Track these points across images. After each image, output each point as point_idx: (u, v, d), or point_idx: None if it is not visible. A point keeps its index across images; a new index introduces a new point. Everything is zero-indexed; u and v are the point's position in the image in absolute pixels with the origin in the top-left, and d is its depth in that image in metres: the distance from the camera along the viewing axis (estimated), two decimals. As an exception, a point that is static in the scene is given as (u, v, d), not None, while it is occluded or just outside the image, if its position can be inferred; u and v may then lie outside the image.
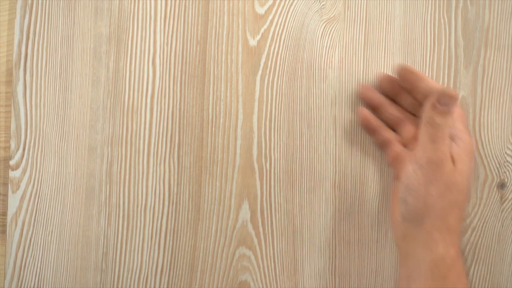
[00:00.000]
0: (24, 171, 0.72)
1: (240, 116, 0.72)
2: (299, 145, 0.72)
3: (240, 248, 0.72)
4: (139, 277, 0.72)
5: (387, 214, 0.73)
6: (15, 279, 0.72)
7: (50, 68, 0.72)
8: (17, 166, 0.72)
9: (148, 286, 0.72)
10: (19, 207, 0.72)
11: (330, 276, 0.73)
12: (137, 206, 0.72)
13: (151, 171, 0.72)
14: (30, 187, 0.72)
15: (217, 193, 0.72)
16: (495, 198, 0.73)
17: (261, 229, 0.72)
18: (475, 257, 0.73)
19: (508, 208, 0.73)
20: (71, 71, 0.72)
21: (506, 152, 0.73)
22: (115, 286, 0.72)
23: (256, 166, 0.72)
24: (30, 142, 0.72)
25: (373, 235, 0.73)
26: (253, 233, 0.72)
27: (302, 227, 0.72)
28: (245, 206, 0.72)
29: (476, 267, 0.73)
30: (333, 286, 0.72)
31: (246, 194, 0.72)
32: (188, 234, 0.72)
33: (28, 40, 0.71)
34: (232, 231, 0.72)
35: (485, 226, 0.73)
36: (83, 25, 0.71)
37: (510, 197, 0.73)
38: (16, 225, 0.72)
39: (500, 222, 0.73)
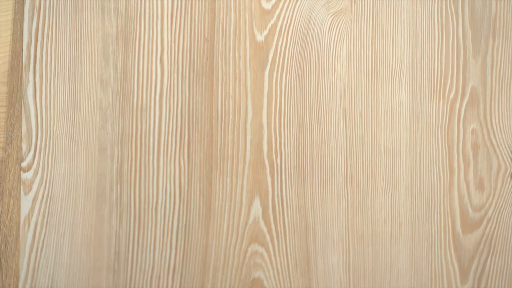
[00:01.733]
0: (35, 173, 0.72)
1: (250, 112, 0.72)
2: (309, 139, 0.72)
3: (252, 245, 0.72)
4: (151, 276, 0.72)
5: (400, 207, 0.72)
6: (29, 280, 0.72)
7: (59, 69, 0.72)
8: (29, 168, 0.72)
9: (160, 285, 0.72)
10: (32, 209, 0.72)
11: (344, 272, 0.72)
12: (148, 205, 0.72)
13: (161, 169, 0.72)
14: (42, 188, 0.72)
15: (228, 189, 0.72)
16: (509, 188, 0.72)
17: (273, 225, 0.72)
18: (491, 249, 0.72)
19: (523, 198, 0.72)
20: (79, 72, 0.72)
21: (519, 141, 0.72)
22: (127, 286, 0.72)
23: (266, 161, 0.72)
24: (41, 144, 0.72)
25: (387, 229, 0.72)
26: (265, 229, 0.72)
27: (315, 222, 0.72)
28: (257, 202, 0.72)
29: (493, 260, 0.72)
30: (347, 282, 0.72)
31: (257, 190, 0.72)
32: (199, 232, 0.72)
33: (36, 42, 0.72)
34: (244, 228, 0.72)
35: (500, 217, 0.72)
36: (90, 26, 0.72)
37: (524, 187, 0.72)
38: (29, 227, 0.72)
39: (515, 213, 0.72)
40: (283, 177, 0.72)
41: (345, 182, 0.72)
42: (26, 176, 0.72)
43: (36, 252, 0.73)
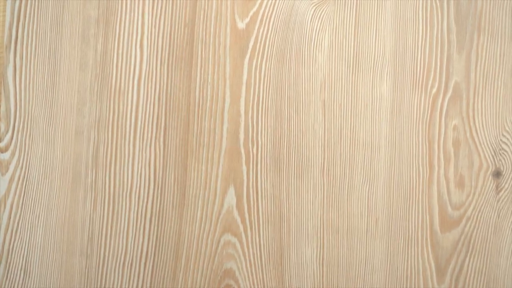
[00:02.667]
0: (13, 154, 0.72)
1: (227, 100, 0.71)
2: (287, 129, 0.71)
3: (225, 235, 0.71)
4: (123, 262, 0.71)
5: (377, 202, 0.71)
6: (3, 261, 0.72)
7: (40, 50, 0.72)
8: (6, 149, 0.72)
9: (132, 271, 0.71)
10: (8, 190, 0.72)
11: (318, 266, 0.71)
12: (123, 190, 0.71)
13: (137, 155, 0.71)
14: (18, 170, 0.72)
15: (202, 177, 0.71)
16: (491, 187, 0.70)
17: (247, 215, 0.71)
18: (470, 248, 0.70)
19: (505, 198, 0.70)
20: (59, 54, 0.72)
21: (501, 140, 0.70)
22: (100, 270, 0.72)
23: (242, 150, 0.71)
24: (19, 125, 0.72)
25: (363, 223, 0.71)
26: (238, 219, 0.71)
27: (289, 214, 0.71)
28: (231, 191, 0.71)
29: (471, 259, 0.70)
30: (321, 275, 0.70)
31: (232, 179, 0.71)
32: (173, 219, 0.71)
33: (18, 22, 0.72)
34: (218, 217, 0.71)
35: (480, 216, 0.70)
36: (72, 7, 0.72)
37: (506, 186, 0.70)
38: (5, 208, 0.72)
39: (496, 213, 0.70)
40: (259, 167, 0.71)
41: (321, 174, 0.71)
42: (3, 156, 0.72)
43: (11, 233, 0.72)
